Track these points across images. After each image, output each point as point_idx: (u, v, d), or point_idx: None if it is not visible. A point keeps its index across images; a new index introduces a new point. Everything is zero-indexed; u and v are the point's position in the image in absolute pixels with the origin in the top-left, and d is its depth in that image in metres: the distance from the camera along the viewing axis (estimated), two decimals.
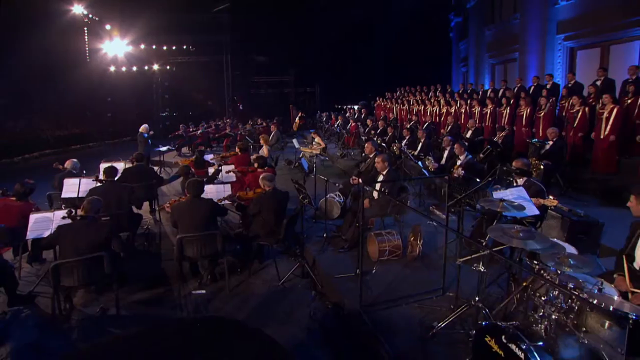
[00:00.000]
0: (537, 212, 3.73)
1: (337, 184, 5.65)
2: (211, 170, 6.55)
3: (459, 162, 6.56)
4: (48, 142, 17.40)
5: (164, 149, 10.08)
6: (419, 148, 8.37)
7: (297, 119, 18.53)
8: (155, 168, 9.00)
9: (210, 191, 5.28)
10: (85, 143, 16.42)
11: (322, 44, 27.26)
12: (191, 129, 14.84)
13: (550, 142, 7.06)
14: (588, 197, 6.77)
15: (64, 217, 4.01)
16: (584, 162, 7.57)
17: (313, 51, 27.57)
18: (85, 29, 16.75)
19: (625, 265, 2.92)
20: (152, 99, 20.45)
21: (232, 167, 6.35)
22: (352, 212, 5.15)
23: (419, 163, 6.50)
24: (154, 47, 18.58)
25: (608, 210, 5.79)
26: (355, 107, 19.22)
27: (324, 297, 4.16)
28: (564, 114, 8.44)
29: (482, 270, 3.16)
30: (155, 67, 19.47)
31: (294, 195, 5.14)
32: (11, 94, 16.05)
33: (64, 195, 5.61)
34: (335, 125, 15.23)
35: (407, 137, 9.08)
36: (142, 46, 18.03)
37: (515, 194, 3.78)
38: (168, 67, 20.18)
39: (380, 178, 5.07)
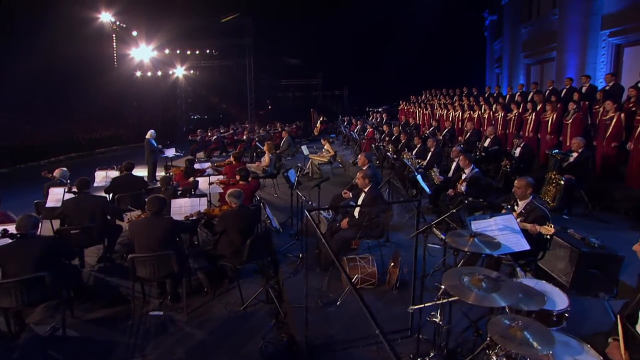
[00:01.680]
0: (525, 247, 3.14)
1: (310, 202, 5.28)
2: (204, 181, 6.40)
3: (463, 176, 5.97)
4: (80, 144, 18.37)
5: (171, 154, 10.14)
6: (428, 158, 7.82)
7: (319, 123, 18.29)
8: (163, 174, 9.09)
9: (185, 204, 5.10)
10: (110, 146, 17.07)
11: (350, 45, 26.92)
12: (209, 134, 14.99)
13: (575, 154, 6.27)
14: (618, 218, 5.95)
15: None
16: (617, 177, 6.69)
17: (341, 53, 27.30)
18: (114, 35, 17.50)
19: (620, 329, 2.28)
20: (176, 103, 21.00)
21: (218, 177, 6.16)
22: (331, 231, 4.78)
23: (417, 175, 5.96)
24: (178, 52, 19.08)
25: None
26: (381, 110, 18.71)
27: (283, 327, 3.83)
28: (597, 121, 7.55)
29: (437, 321, 2.67)
30: (180, 71, 19.96)
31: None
32: (46, 98, 17.06)
33: (48, 204, 5.65)
34: (355, 131, 14.84)
35: (418, 146, 8.52)
36: (167, 51, 18.56)
37: (500, 225, 3.21)
38: (192, 72, 20.66)
39: (363, 196, 4.66)
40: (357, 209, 4.71)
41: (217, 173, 7.10)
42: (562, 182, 5.99)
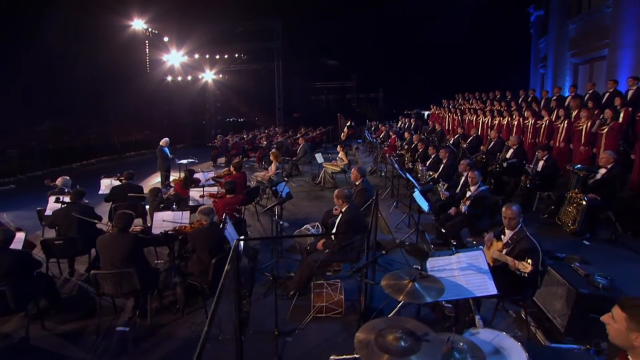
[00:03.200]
0: (491, 291, 2.78)
1: (283, 223, 5.12)
2: (196, 193, 6.49)
3: (468, 194, 5.56)
4: (115, 147, 19.57)
5: (184, 161, 10.45)
6: (440, 170, 7.41)
7: (346, 128, 18.08)
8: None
9: (167, 217, 5.17)
10: (140, 150, 17.96)
11: (386, 45, 26.45)
12: (229, 139, 15.30)
13: (603, 170, 5.64)
14: None
15: None
16: None
17: (376, 53, 26.90)
18: (147, 42, 18.45)
19: None
20: (205, 107, 21.72)
21: (209, 190, 6.20)
22: (308, 252, 4.62)
23: (415, 192, 5.63)
24: (207, 56, 19.74)
25: None
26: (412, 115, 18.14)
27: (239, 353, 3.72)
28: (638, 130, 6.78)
29: None
30: (209, 75, 20.62)
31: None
32: (86, 102, 18.37)
33: (47, 212, 5.99)
34: (380, 137, 14.53)
35: (432, 156, 8.11)
36: (196, 56, 19.26)
37: (464, 263, 2.86)
38: (221, 76, 21.28)
39: (340, 217, 4.46)
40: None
41: (218, 184, 7.18)
42: (584, 203, 5.41)
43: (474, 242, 4.75)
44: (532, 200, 6.72)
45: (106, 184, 7.41)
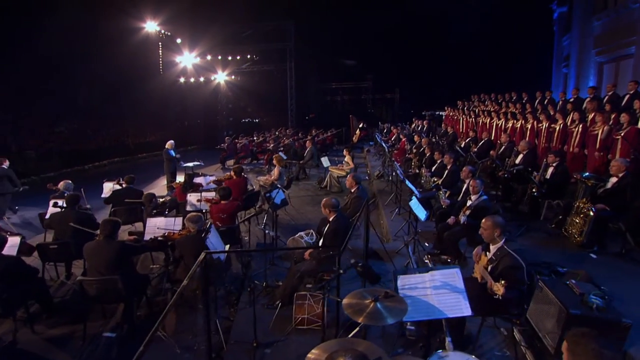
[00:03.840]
0: (465, 312, 2.69)
1: (270, 232, 5.12)
2: (194, 197, 6.59)
3: (469, 203, 5.44)
4: (130, 148, 20.11)
5: (190, 164, 10.62)
6: (444, 176, 7.29)
7: (358, 130, 18.00)
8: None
9: (160, 223, 5.26)
10: (152, 152, 18.35)
11: (402, 44, 26.20)
12: (239, 141, 15.46)
13: (614, 179, 5.43)
14: None
15: None
16: None
17: (392, 53, 26.67)
18: (160, 43, 18.87)
19: None
20: (217, 108, 22.02)
21: (206, 195, 6.29)
22: (296, 261, 4.63)
23: (412, 199, 5.54)
24: (219, 57, 20.02)
25: None
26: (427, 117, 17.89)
27: None
28: None
29: None
30: (221, 77, 20.91)
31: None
32: (102, 104, 18.90)
33: (48, 216, 6.20)
34: (392, 140, 14.41)
35: (438, 162, 7.98)
36: (209, 57, 19.56)
37: (438, 281, 2.76)
38: (233, 77, 21.54)
39: (327, 227, 4.44)
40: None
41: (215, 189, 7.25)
42: (592, 213, 5.21)
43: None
44: (540, 208, 6.52)
45: (109, 188, 7.59)
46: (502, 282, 2.91)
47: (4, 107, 16.04)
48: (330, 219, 4.39)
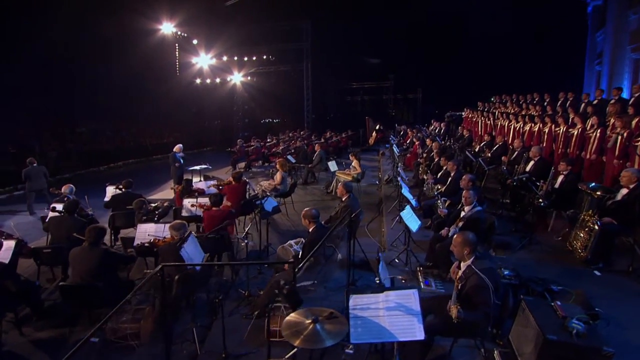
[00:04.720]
0: (418, 336, 2.63)
1: (248, 242, 5.18)
2: (191, 202, 6.75)
3: (462, 214, 5.35)
4: (147, 149, 20.82)
5: (197, 167, 10.87)
6: (447, 183, 7.17)
7: (374, 132, 17.89)
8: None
9: (150, 230, 5.44)
10: (166, 153, 18.86)
11: (425, 42, 25.83)
12: (250, 144, 15.66)
13: (625, 190, 5.20)
14: None
15: None
16: None
17: (415, 52, 26.35)
18: (176, 45, 19.43)
19: None
20: (233, 109, 22.42)
21: (199, 201, 6.44)
22: (276, 271, 4.69)
23: (405, 209, 5.48)
24: (235, 58, 20.40)
25: None
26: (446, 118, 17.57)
27: None
28: None
29: None
30: (237, 77, 21.29)
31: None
32: (121, 106, 19.66)
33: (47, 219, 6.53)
34: (407, 143, 14.28)
35: (444, 168, 7.86)
36: (225, 58, 19.96)
37: (392, 302, 2.72)
38: (249, 78, 21.89)
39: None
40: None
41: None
42: (597, 227, 5.01)
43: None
44: (548, 219, 6.31)
45: (111, 192, 7.88)
46: (458, 307, 2.86)
47: (28, 109, 16.99)
48: (310, 230, 4.43)
